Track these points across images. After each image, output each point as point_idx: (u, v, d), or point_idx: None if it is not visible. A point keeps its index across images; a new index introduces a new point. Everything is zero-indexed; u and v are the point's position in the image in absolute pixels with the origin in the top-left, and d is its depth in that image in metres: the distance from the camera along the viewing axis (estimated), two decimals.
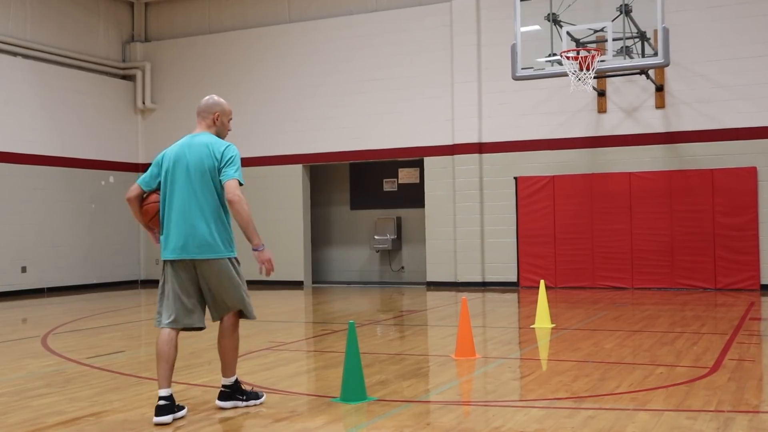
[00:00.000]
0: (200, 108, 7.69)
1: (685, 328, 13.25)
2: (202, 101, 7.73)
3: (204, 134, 7.59)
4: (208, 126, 7.66)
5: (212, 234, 7.32)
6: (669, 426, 6.82)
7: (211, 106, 7.68)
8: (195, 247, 7.29)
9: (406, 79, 23.72)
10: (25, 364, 10.85)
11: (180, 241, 7.32)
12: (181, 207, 7.36)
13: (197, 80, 26.28)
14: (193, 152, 7.43)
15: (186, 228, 7.32)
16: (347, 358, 7.86)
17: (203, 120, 7.67)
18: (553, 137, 21.97)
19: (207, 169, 7.35)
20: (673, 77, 20.75)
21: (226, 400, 7.70)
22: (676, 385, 8.49)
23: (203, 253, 7.31)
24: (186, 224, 7.32)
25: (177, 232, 7.35)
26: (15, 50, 23.37)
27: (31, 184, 23.37)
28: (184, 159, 7.44)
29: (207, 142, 7.46)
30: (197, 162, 7.37)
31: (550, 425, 6.92)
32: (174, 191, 7.43)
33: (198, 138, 7.54)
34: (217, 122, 7.67)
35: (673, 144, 20.81)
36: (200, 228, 7.29)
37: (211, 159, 7.36)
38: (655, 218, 20.83)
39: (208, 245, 7.30)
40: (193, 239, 7.29)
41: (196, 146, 7.46)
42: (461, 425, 7.08)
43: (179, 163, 7.45)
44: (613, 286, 21.11)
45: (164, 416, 7.16)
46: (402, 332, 14.29)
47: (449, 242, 23.04)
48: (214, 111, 7.66)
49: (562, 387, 8.54)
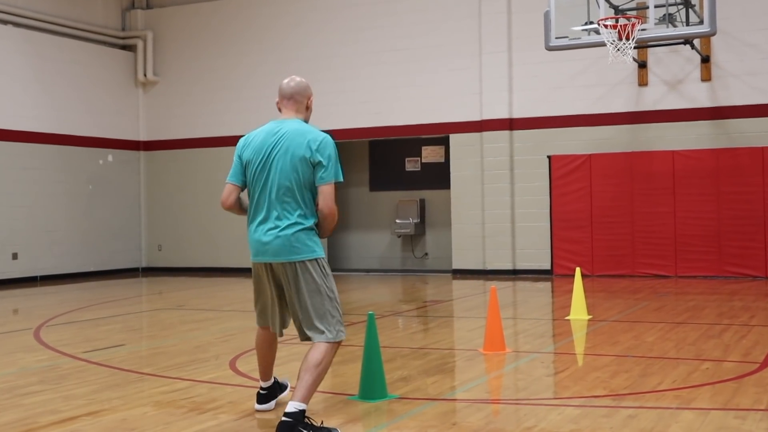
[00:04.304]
0: (291, 90, 7.25)
1: (734, 319, 13.22)
2: (292, 82, 7.28)
3: (295, 120, 7.18)
4: (301, 111, 7.28)
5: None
6: (716, 426, 6.80)
7: (306, 88, 7.29)
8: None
9: (430, 49, 23.66)
10: (16, 358, 10.91)
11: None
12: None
13: (203, 50, 26.24)
14: (284, 142, 7.04)
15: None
16: (366, 352, 7.88)
17: (297, 104, 7.27)
18: (590, 112, 21.89)
19: (299, 162, 6.96)
20: (720, 47, 20.63)
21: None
22: (724, 382, 8.47)
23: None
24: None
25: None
26: (6, 18, 23.38)
27: (22, 163, 23.41)
28: (271, 149, 7.07)
29: (303, 130, 7.06)
30: (289, 154, 6.99)
31: (587, 425, 6.92)
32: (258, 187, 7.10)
33: (289, 124, 7.15)
34: (309, 108, 7.34)
35: (720, 119, 20.71)
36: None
37: (309, 152, 6.95)
38: (701, 200, 20.74)
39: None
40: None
41: (289, 135, 7.06)
42: (490, 425, 7.08)
43: (266, 155, 7.07)
44: (654, 274, 21.06)
45: (263, 404, 7.68)
46: (426, 324, 14.31)
47: (477, 226, 23.01)
48: (309, 94, 7.30)
49: (599, 384, 8.54)
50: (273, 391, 7.71)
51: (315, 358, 6.84)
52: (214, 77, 25.74)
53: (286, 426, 6.63)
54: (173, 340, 12.40)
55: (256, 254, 7.11)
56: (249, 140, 7.24)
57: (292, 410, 6.66)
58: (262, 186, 7.04)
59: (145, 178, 27.17)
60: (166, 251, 26.91)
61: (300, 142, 6.96)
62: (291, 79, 7.31)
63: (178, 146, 26.47)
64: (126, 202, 26.44)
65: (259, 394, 7.70)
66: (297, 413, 6.66)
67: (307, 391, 6.78)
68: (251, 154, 7.12)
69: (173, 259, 26.78)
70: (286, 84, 7.30)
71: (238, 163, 7.22)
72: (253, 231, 7.09)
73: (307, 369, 6.82)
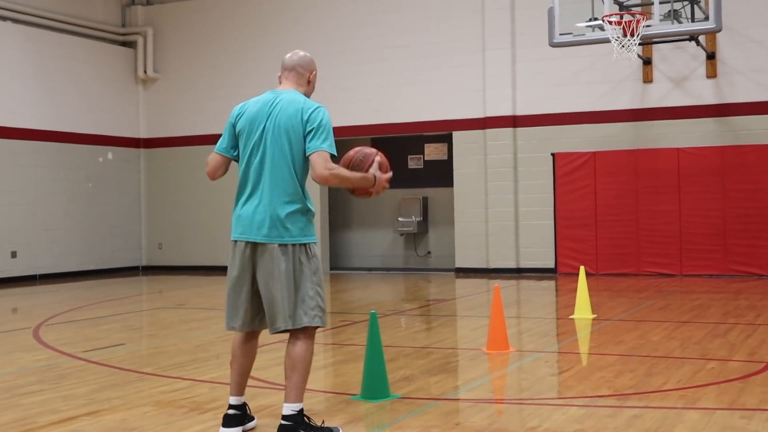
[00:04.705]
0: (294, 62, 7.02)
1: (739, 318, 13.22)
2: (295, 56, 7.07)
3: (292, 91, 6.89)
4: (301, 84, 7.00)
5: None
6: (721, 426, 6.81)
7: (310, 62, 7.08)
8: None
9: (432, 45, 23.65)
10: (15, 358, 10.92)
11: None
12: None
13: (204, 47, 26.24)
14: (278, 113, 6.74)
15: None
16: (368, 351, 7.87)
17: (298, 76, 7.01)
18: (595, 109, 21.89)
19: (293, 132, 6.67)
20: (726, 43, 20.62)
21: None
22: (729, 382, 8.48)
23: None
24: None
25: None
26: (4, 14, 23.36)
27: (22, 160, 23.42)
28: (266, 120, 6.76)
29: (297, 99, 6.77)
30: (282, 125, 6.69)
31: (591, 425, 6.92)
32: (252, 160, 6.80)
33: (285, 95, 6.85)
34: (311, 83, 7.08)
35: (725, 117, 20.70)
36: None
37: (300, 121, 6.67)
38: (706, 198, 20.73)
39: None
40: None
41: (283, 104, 6.76)
42: (493, 425, 7.08)
43: (260, 125, 6.77)
44: (659, 272, 21.05)
45: (232, 429, 6.84)
46: (428, 323, 14.31)
47: (480, 225, 23.01)
48: (312, 68, 7.07)
49: (604, 383, 8.54)
50: (243, 411, 6.94)
51: (298, 353, 6.59)
52: (215, 74, 25.71)
53: (287, 429, 6.52)
54: (174, 339, 12.41)
55: (241, 232, 6.71)
56: (244, 109, 6.89)
57: (290, 413, 6.52)
58: (253, 158, 6.74)
59: (146, 176, 27.16)
60: (166, 249, 26.91)
61: (292, 112, 6.68)
62: (294, 53, 7.09)
63: (179, 144, 26.43)
64: (126, 200, 26.44)
65: (227, 416, 6.90)
66: (296, 415, 6.53)
67: (300, 390, 6.57)
68: (244, 123, 6.81)
69: (174, 257, 26.78)
70: (289, 57, 7.07)
71: (231, 132, 6.91)
72: (240, 206, 6.77)
73: (293, 366, 6.56)
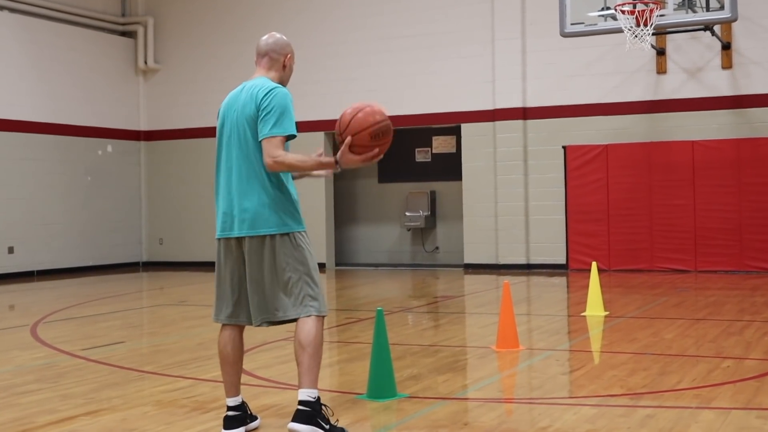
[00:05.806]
0: (268, 47, 6.87)
1: (755, 315, 13.20)
2: (270, 39, 6.91)
3: (259, 78, 6.77)
4: (275, 69, 6.86)
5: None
6: (737, 426, 6.80)
7: (285, 46, 6.91)
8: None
9: (440, 35, 23.62)
10: (12, 356, 10.93)
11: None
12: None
13: (205, 37, 26.22)
14: (239, 102, 6.69)
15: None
16: (375, 349, 7.87)
17: (271, 62, 6.87)
18: (607, 101, 21.86)
19: (250, 121, 6.60)
20: (742, 33, 20.57)
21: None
22: (745, 381, 8.46)
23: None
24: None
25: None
26: (1, 3, 23.41)
27: (18, 153, 23.44)
28: (231, 114, 6.76)
29: (256, 84, 6.67)
30: (242, 114, 6.64)
31: (603, 425, 6.91)
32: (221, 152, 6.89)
33: (249, 83, 6.76)
34: (287, 66, 6.92)
35: (741, 108, 20.67)
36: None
37: (254, 107, 6.57)
38: (722, 192, 20.70)
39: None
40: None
41: (245, 92, 6.69)
42: (503, 425, 7.08)
43: (225, 120, 6.82)
44: (673, 268, 21.03)
45: (234, 430, 6.76)
46: (436, 321, 14.32)
47: (489, 219, 23.00)
48: (286, 52, 6.91)
49: (616, 382, 8.53)
50: (243, 411, 6.87)
51: (306, 334, 6.58)
52: (216, 64, 25.60)
53: (305, 415, 6.39)
54: (175, 337, 12.42)
55: (221, 229, 6.97)
56: (221, 105, 6.92)
57: (306, 398, 6.41)
58: (221, 153, 6.85)
59: (146, 170, 27.18)
60: (167, 245, 26.92)
61: (248, 100, 6.61)
62: (270, 36, 6.95)
63: (180, 136, 26.42)
64: (126, 194, 26.46)
65: (228, 417, 6.81)
66: (314, 402, 6.42)
67: (313, 374, 6.46)
68: (218, 120, 6.89)
69: (175, 253, 26.79)
70: (263, 41, 6.93)
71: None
72: (218, 204, 6.93)
73: (301, 346, 6.52)
